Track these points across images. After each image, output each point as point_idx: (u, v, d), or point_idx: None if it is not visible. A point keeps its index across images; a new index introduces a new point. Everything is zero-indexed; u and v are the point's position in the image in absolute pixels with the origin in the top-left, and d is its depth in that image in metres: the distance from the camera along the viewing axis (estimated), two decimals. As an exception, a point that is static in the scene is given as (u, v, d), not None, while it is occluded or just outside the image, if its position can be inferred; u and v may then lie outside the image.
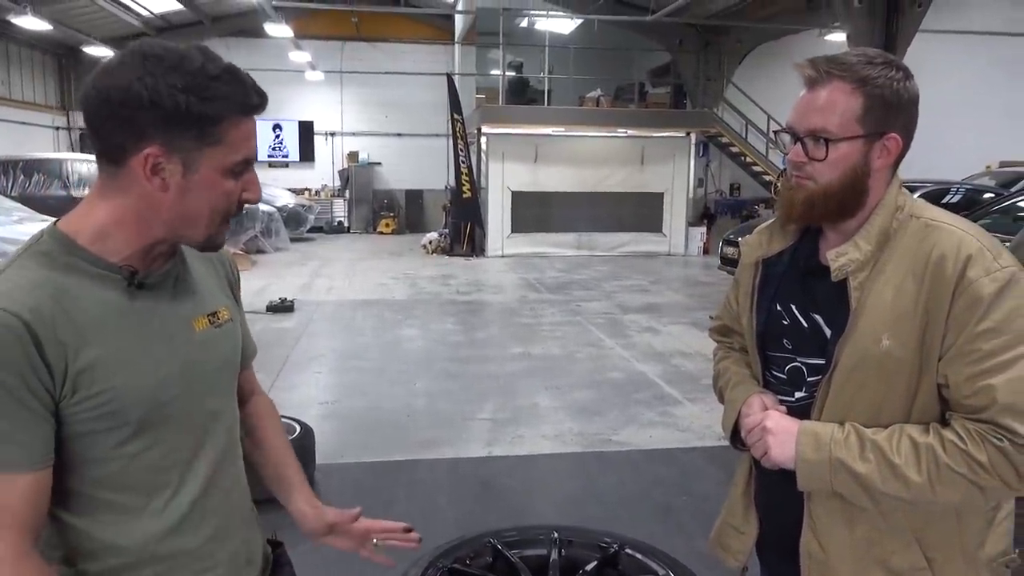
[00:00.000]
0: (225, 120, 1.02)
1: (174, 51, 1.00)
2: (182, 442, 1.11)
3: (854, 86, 1.24)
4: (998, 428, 1.17)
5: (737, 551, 1.55)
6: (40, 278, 1.00)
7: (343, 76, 19.22)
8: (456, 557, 1.71)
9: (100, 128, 1.00)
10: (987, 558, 1.33)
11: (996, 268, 1.19)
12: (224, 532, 1.18)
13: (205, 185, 1.03)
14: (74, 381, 0.99)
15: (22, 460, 0.97)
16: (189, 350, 1.11)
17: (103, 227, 1.04)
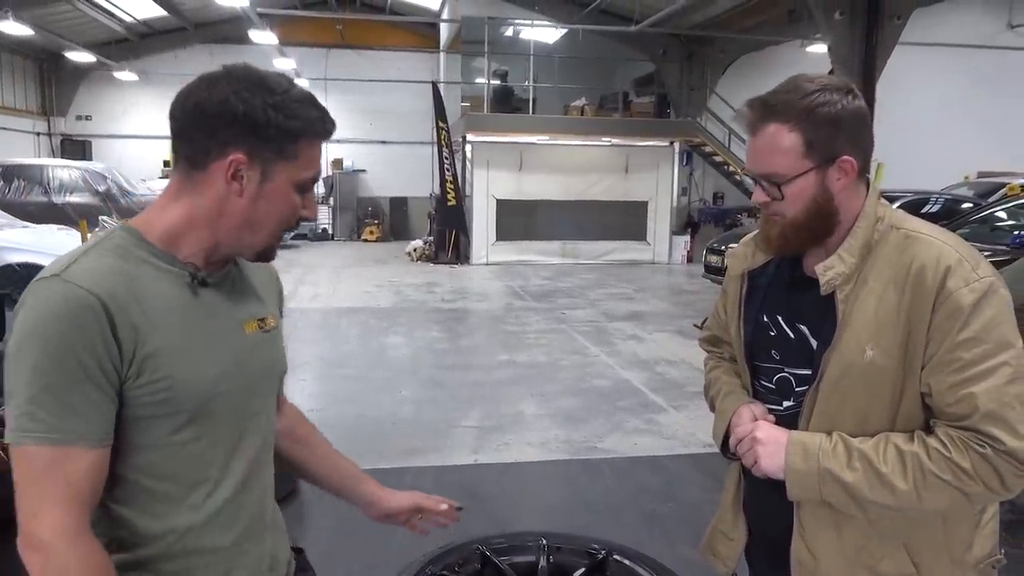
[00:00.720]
0: (303, 139, 1.12)
1: (264, 74, 1.11)
2: (225, 437, 1.16)
3: (791, 124, 1.26)
4: (980, 435, 1.19)
5: (727, 557, 1.57)
6: (115, 266, 1.07)
7: (328, 83, 19.18)
8: (445, 564, 1.71)
9: (191, 135, 1.09)
10: (974, 560, 1.35)
11: (975, 278, 1.21)
12: (252, 534, 1.22)
13: (276, 195, 1.12)
14: (140, 364, 1.04)
15: (89, 436, 1.02)
16: (240, 350, 1.18)
17: (174, 227, 1.12)
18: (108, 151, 19.06)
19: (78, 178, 11.63)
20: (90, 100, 19.32)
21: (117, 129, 19.46)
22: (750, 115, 1.30)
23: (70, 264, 1.05)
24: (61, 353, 0.99)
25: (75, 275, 1.03)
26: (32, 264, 7.18)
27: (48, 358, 0.99)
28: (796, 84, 1.27)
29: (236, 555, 1.19)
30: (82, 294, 1.01)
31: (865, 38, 10.35)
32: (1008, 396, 1.19)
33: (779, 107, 1.26)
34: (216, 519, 1.15)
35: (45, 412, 0.99)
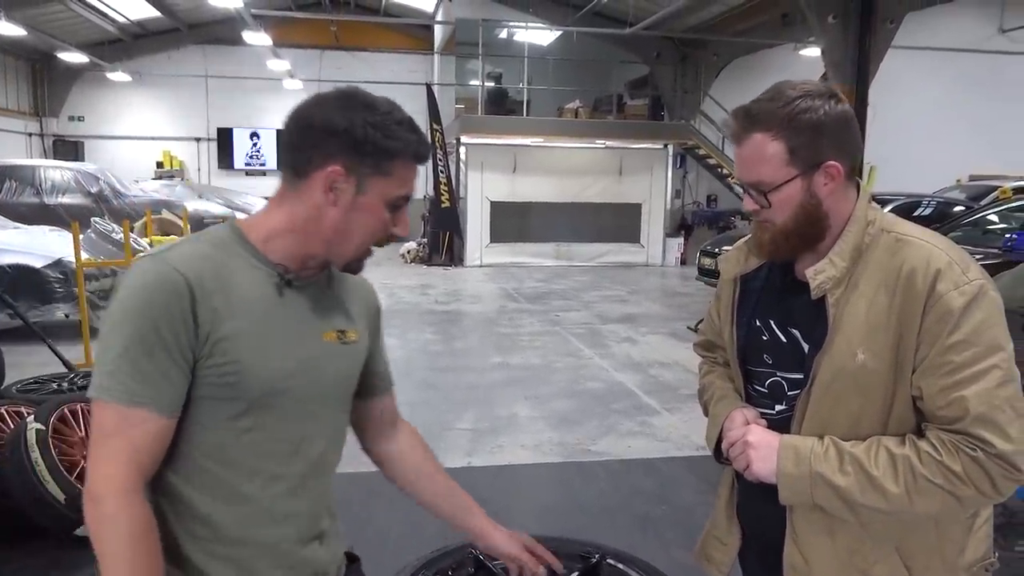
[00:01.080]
0: (398, 158, 1.18)
1: (372, 97, 1.19)
2: (285, 435, 1.21)
3: (774, 133, 1.26)
4: (971, 438, 1.20)
5: (720, 562, 1.57)
6: (209, 255, 1.16)
7: (322, 85, 19.12)
8: (438, 568, 1.71)
9: (298, 145, 1.18)
10: (967, 564, 1.35)
11: (965, 281, 1.22)
12: (302, 536, 1.25)
13: (368, 208, 1.19)
14: (213, 345, 1.12)
15: (158, 403, 1.09)
16: (312, 355, 1.23)
17: (273, 230, 1.21)
18: (101, 152, 19.00)
19: (70, 179, 11.58)
20: (83, 101, 19.25)
21: (110, 130, 19.40)
22: (734, 125, 1.31)
23: (171, 248, 1.16)
24: (144, 323, 1.08)
25: (171, 257, 1.13)
26: (23, 266, 7.13)
27: (133, 326, 1.08)
28: (778, 92, 1.28)
29: (280, 553, 1.22)
30: (172, 274, 1.10)
31: (858, 42, 10.41)
32: (998, 399, 1.19)
33: (761, 116, 1.27)
34: (267, 513, 1.20)
35: (124, 375, 1.08)
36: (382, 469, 1.53)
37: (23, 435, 3.14)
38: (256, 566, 1.20)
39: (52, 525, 3.22)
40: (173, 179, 16.55)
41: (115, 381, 1.08)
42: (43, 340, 5.06)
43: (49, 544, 3.30)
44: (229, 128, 19.74)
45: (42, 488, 3.07)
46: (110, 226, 7.91)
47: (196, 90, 19.28)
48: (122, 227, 6.50)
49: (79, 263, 6.21)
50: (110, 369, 1.09)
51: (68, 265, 6.96)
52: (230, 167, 19.88)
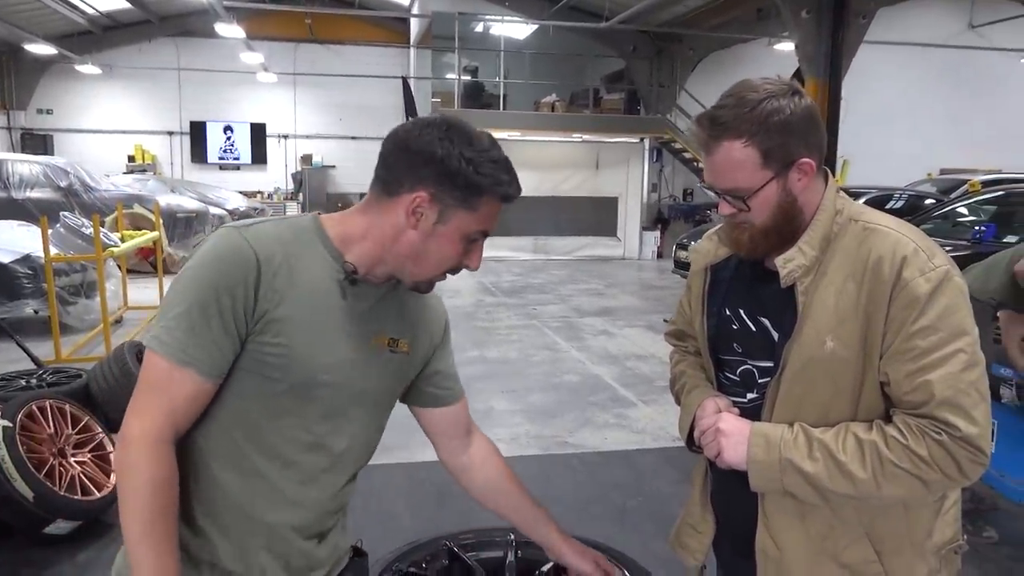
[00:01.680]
0: (486, 195, 1.21)
1: (472, 131, 1.21)
2: (312, 424, 1.24)
3: (745, 139, 1.26)
4: (936, 422, 1.21)
5: (695, 550, 1.58)
6: (285, 239, 1.21)
7: (296, 78, 18.99)
8: (411, 561, 1.70)
9: (392, 164, 1.21)
10: (935, 547, 1.37)
11: (930, 268, 1.23)
12: (306, 527, 1.28)
13: (445, 238, 1.22)
14: (267, 324, 1.17)
15: (203, 366, 1.14)
16: (359, 357, 1.26)
17: (351, 233, 1.25)
18: (71, 146, 18.67)
19: (39, 173, 11.34)
20: (52, 93, 18.89)
21: (80, 123, 19.06)
22: (701, 134, 1.30)
23: (253, 224, 1.21)
24: (208, 290, 1.13)
25: (250, 232, 1.18)
26: (-9, 261, 7.01)
27: (198, 290, 1.14)
28: (742, 97, 1.27)
29: (277, 538, 1.25)
30: (245, 247, 1.16)
31: (831, 36, 10.50)
32: (963, 383, 1.21)
33: (730, 123, 1.26)
34: (276, 495, 1.23)
35: (179, 332, 1.13)
36: (457, 480, 1.56)
37: (-10, 433, 3.08)
38: (249, 543, 1.23)
39: (20, 523, 3.17)
40: (145, 173, 16.30)
41: (171, 338, 1.14)
42: (11, 336, 4.98)
43: (18, 542, 3.25)
44: (202, 122, 19.49)
45: (9, 486, 3.02)
46: (80, 220, 7.78)
47: (168, 83, 19.00)
48: (92, 221, 6.38)
49: (48, 258, 6.10)
50: (168, 324, 1.14)
51: (37, 260, 6.84)
52: (203, 161, 19.63)
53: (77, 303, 7.33)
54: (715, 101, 1.32)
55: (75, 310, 7.29)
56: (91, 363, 4.79)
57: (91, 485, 3.37)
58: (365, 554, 1.46)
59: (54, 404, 3.55)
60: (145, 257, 10.67)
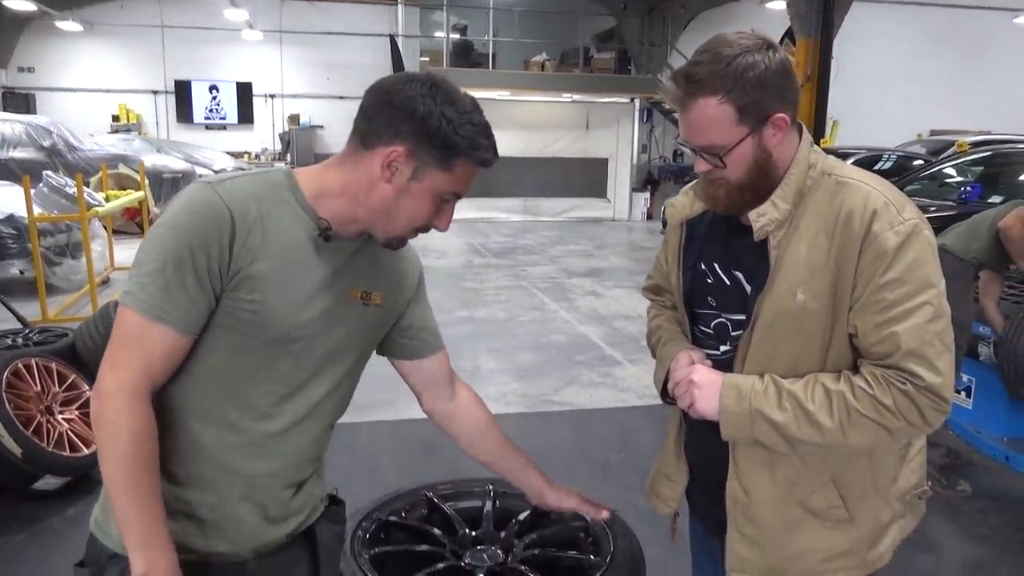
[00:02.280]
0: (462, 157, 1.20)
1: (455, 91, 1.21)
2: (287, 379, 1.26)
3: (720, 96, 1.25)
4: (902, 372, 1.24)
5: (668, 498, 1.62)
6: (260, 194, 1.21)
7: (283, 36, 18.67)
8: (392, 510, 1.74)
9: (372, 117, 1.20)
10: (899, 492, 1.42)
11: (900, 221, 1.25)
12: (281, 476, 1.30)
13: (418, 196, 1.22)
14: (241, 280, 1.17)
15: (178, 321, 1.15)
16: (333, 310, 1.27)
17: (325, 189, 1.25)
18: (53, 105, 18.36)
19: (21, 132, 11.17)
20: (32, 51, 18.52)
21: (62, 82, 18.73)
22: (676, 91, 1.29)
23: (226, 180, 1.21)
24: (183, 246, 1.13)
25: (224, 188, 1.18)
26: (-26, 221, 6.95)
27: (171, 245, 1.14)
28: (716, 52, 1.26)
29: (251, 487, 1.27)
30: (219, 204, 1.15)
31: (823, -5, 10.39)
32: (929, 334, 1.23)
33: (706, 80, 1.25)
34: (252, 446, 1.25)
35: (154, 288, 1.13)
36: (443, 430, 1.58)
37: (-25, 390, 3.09)
38: (227, 494, 1.25)
39: (9, 479, 3.20)
40: (130, 133, 16.09)
41: (145, 294, 1.14)
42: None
43: (7, 498, 3.28)
44: (187, 80, 19.17)
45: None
46: (63, 180, 7.70)
47: (152, 41, 18.64)
48: (76, 181, 6.32)
49: (31, 218, 6.05)
50: (142, 281, 1.14)
51: (20, 221, 6.78)
52: (189, 121, 19.36)
53: (63, 263, 7.30)
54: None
55: (61, 270, 7.25)
56: (78, 323, 4.79)
57: (79, 442, 3.40)
58: (342, 502, 1.49)
59: (40, 362, 3.56)
60: (131, 218, 10.58)
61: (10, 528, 3.14)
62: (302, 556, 1.38)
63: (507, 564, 1.60)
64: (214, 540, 1.26)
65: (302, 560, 1.38)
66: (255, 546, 1.29)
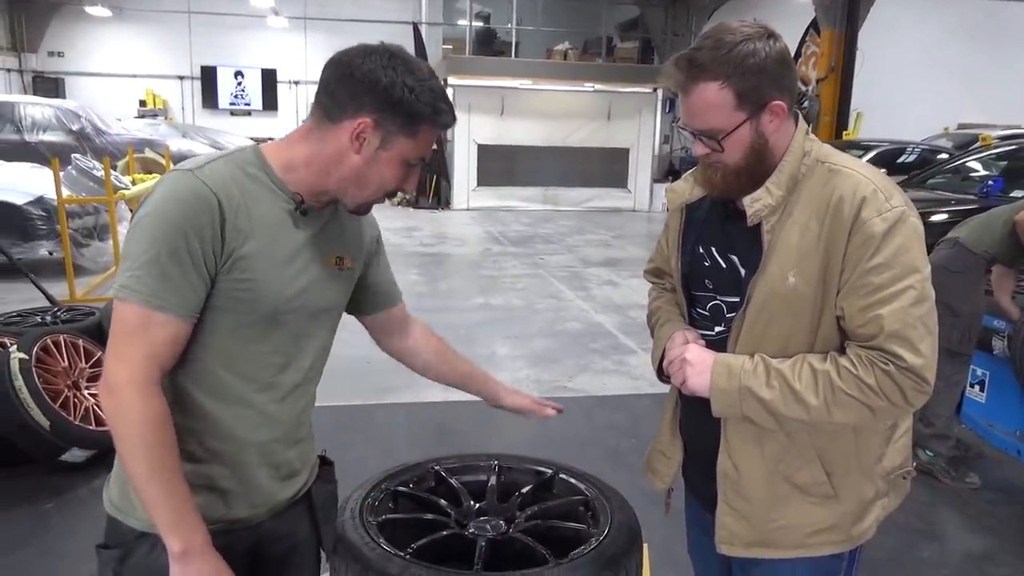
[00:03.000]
0: (425, 123, 1.26)
1: (413, 60, 1.26)
2: (283, 348, 1.32)
3: (721, 81, 1.29)
4: (885, 354, 1.29)
5: (664, 474, 1.68)
6: (236, 176, 1.24)
7: (307, 22, 18.80)
8: (400, 481, 1.81)
9: (335, 91, 1.24)
10: (884, 471, 1.47)
11: (887, 208, 1.29)
12: (283, 439, 1.38)
13: (387, 163, 1.27)
14: (234, 262, 1.21)
15: (178, 308, 1.18)
16: (315, 278, 1.33)
17: (294, 161, 1.29)
18: (82, 89, 18.66)
19: (51, 116, 11.40)
20: (62, 36, 18.81)
21: (91, 67, 19.01)
22: (678, 75, 1.33)
23: (203, 165, 1.23)
24: (174, 232, 1.16)
25: (204, 174, 1.21)
26: (5, 202, 7.11)
27: (163, 234, 1.16)
28: (719, 39, 1.31)
29: (263, 453, 1.34)
30: (205, 190, 1.19)
31: (849, -15, 10.29)
32: (912, 317, 1.28)
33: (707, 65, 1.30)
34: (261, 416, 1.32)
35: (150, 279, 1.16)
36: (403, 362, 1.70)
37: (6, 364, 3.21)
38: (243, 461, 1.32)
39: (37, 451, 3.33)
40: (156, 118, 16.32)
41: (142, 284, 1.16)
42: (26, 275, 5.11)
43: (36, 469, 3.41)
44: (213, 66, 19.39)
45: (27, 415, 3.16)
46: (91, 163, 7.86)
47: (179, 26, 18.86)
48: (103, 164, 6.46)
49: (60, 200, 6.20)
50: (137, 273, 1.16)
51: (50, 202, 6.95)
52: (214, 106, 19.59)
53: (90, 245, 7.47)
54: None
55: (88, 252, 7.42)
56: (104, 302, 4.92)
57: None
58: (331, 462, 1.56)
59: (68, 339, 3.68)
60: (157, 202, 10.74)
61: (39, 497, 3.27)
62: (304, 513, 1.47)
63: (509, 533, 1.66)
64: (236, 508, 1.33)
65: (304, 517, 1.47)
66: (271, 506, 1.38)
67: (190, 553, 1.18)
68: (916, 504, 3.34)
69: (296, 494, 1.44)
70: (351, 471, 1.75)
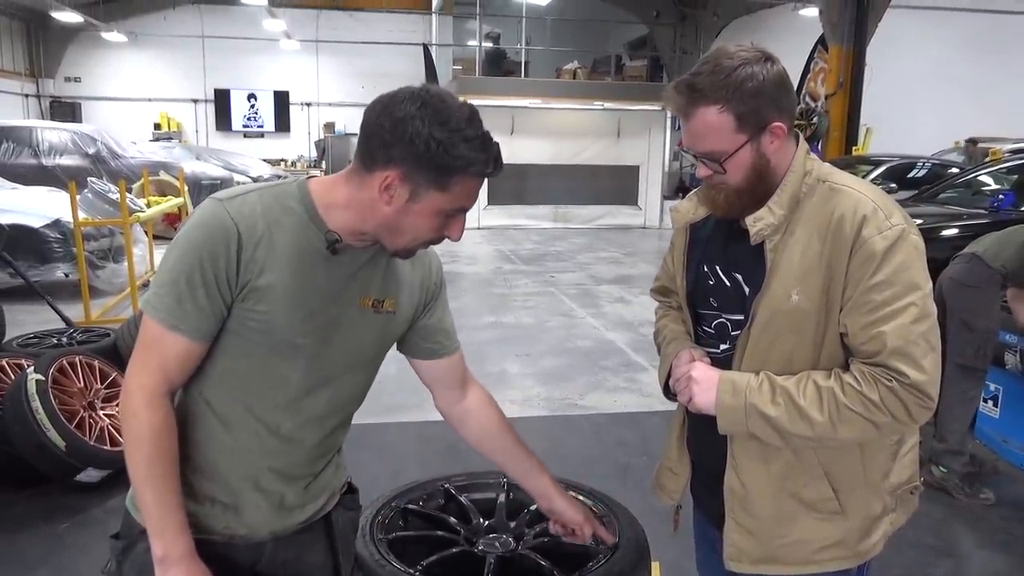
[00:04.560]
0: (458, 175, 1.21)
1: (448, 107, 1.20)
2: (298, 381, 1.32)
3: (720, 105, 1.32)
4: (888, 370, 1.30)
5: (672, 491, 1.69)
6: (268, 208, 1.26)
7: (319, 45, 19.03)
8: (410, 498, 1.83)
9: (368, 139, 1.23)
10: (891, 487, 1.47)
11: (888, 226, 1.31)
12: (288, 472, 1.37)
13: (420, 215, 1.24)
14: (249, 291, 1.24)
15: (190, 329, 1.23)
16: (340, 318, 1.33)
17: (334, 201, 1.28)
18: (98, 113, 18.94)
19: (68, 140, 11.57)
20: (79, 61, 19.14)
21: (107, 91, 19.31)
22: (679, 99, 1.37)
23: (235, 196, 1.26)
24: (194, 260, 1.21)
25: (231, 204, 1.24)
26: (22, 226, 7.22)
27: (185, 257, 1.22)
28: (717, 63, 1.34)
29: (272, 479, 1.35)
30: (227, 219, 1.22)
31: (857, 1, 10.33)
32: (914, 334, 1.29)
33: (707, 89, 1.33)
34: (265, 443, 1.33)
35: (169, 298, 1.22)
36: (454, 428, 1.63)
37: (24, 385, 3.26)
38: (244, 484, 1.34)
39: (53, 471, 3.36)
40: (171, 141, 16.52)
41: (161, 303, 1.23)
42: (43, 297, 5.17)
43: (52, 489, 3.45)
44: (226, 89, 19.65)
45: (43, 436, 3.20)
46: (107, 186, 7.96)
47: (192, 51, 19.14)
48: (119, 187, 6.56)
49: (76, 223, 6.29)
50: (159, 291, 1.23)
51: (66, 225, 7.04)
52: (228, 129, 19.82)
53: (106, 267, 7.55)
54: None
55: (104, 274, 7.50)
56: (119, 324, 4.97)
57: (119, 436, 3.55)
58: (356, 489, 1.57)
59: (84, 360, 3.73)
60: (171, 223, 10.86)
61: (54, 517, 3.30)
62: (318, 540, 1.46)
63: (517, 550, 1.67)
64: (234, 524, 1.35)
65: (319, 544, 1.46)
66: (273, 529, 1.38)
67: (169, 560, 1.23)
68: (930, 520, 3.32)
69: (307, 520, 1.43)
70: (363, 489, 1.77)
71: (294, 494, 1.39)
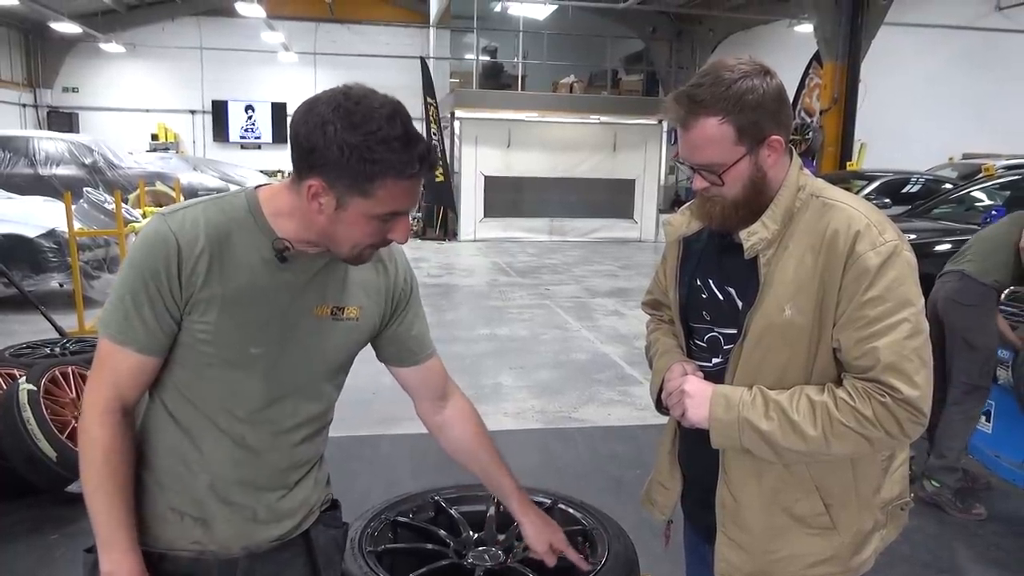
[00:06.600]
0: (378, 179, 1.16)
1: (364, 109, 1.14)
2: (257, 393, 1.31)
3: (721, 117, 1.33)
4: (881, 385, 1.30)
5: (663, 505, 1.68)
6: (211, 220, 1.24)
7: (317, 57, 19.09)
8: (400, 511, 1.82)
9: (294, 148, 1.20)
10: (882, 502, 1.47)
11: (881, 242, 1.32)
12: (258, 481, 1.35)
13: (351, 223, 1.21)
14: (194, 304, 1.23)
15: (138, 344, 1.23)
16: (296, 327, 1.30)
17: (280, 209, 1.27)
18: (95, 123, 18.95)
19: (64, 150, 11.57)
20: (77, 72, 19.17)
21: (104, 102, 19.33)
22: (679, 110, 1.37)
23: (177, 209, 1.25)
24: (137, 276, 1.21)
25: (172, 219, 1.23)
26: (17, 235, 7.20)
27: (130, 274, 1.22)
28: (717, 75, 1.34)
29: (238, 491, 1.33)
30: (168, 234, 1.21)
31: (851, 18, 10.44)
32: (907, 350, 1.30)
33: (707, 101, 1.33)
34: (229, 455, 1.31)
35: (118, 315, 1.23)
36: (433, 437, 1.61)
37: (15, 395, 3.24)
38: (210, 496, 1.31)
39: (44, 482, 3.34)
40: (168, 151, 16.53)
41: (111, 319, 1.24)
42: (36, 307, 5.15)
43: (42, 500, 3.42)
44: (224, 101, 19.69)
45: (34, 446, 3.18)
46: (102, 196, 7.96)
47: (191, 62, 19.19)
48: (114, 198, 6.56)
49: (72, 233, 6.28)
50: (109, 309, 1.25)
51: (61, 235, 7.02)
52: (225, 140, 19.85)
53: (100, 277, 7.53)
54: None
55: (99, 284, 7.49)
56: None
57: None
58: (339, 506, 1.53)
59: (76, 370, 3.71)
60: (166, 234, 10.86)
61: (44, 529, 3.27)
62: (298, 557, 1.42)
63: (507, 564, 1.67)
64: (204, 539, 1.32)
65: (299, 561, 1.42)
66: (245, 544, 1.34)
67: (113, 575, 1.23)
68: (923, 536, 3.32)
69: (282, 536, 1.39)
70: (356, 501, 1.76)
71: (266, 508, 1.35)
